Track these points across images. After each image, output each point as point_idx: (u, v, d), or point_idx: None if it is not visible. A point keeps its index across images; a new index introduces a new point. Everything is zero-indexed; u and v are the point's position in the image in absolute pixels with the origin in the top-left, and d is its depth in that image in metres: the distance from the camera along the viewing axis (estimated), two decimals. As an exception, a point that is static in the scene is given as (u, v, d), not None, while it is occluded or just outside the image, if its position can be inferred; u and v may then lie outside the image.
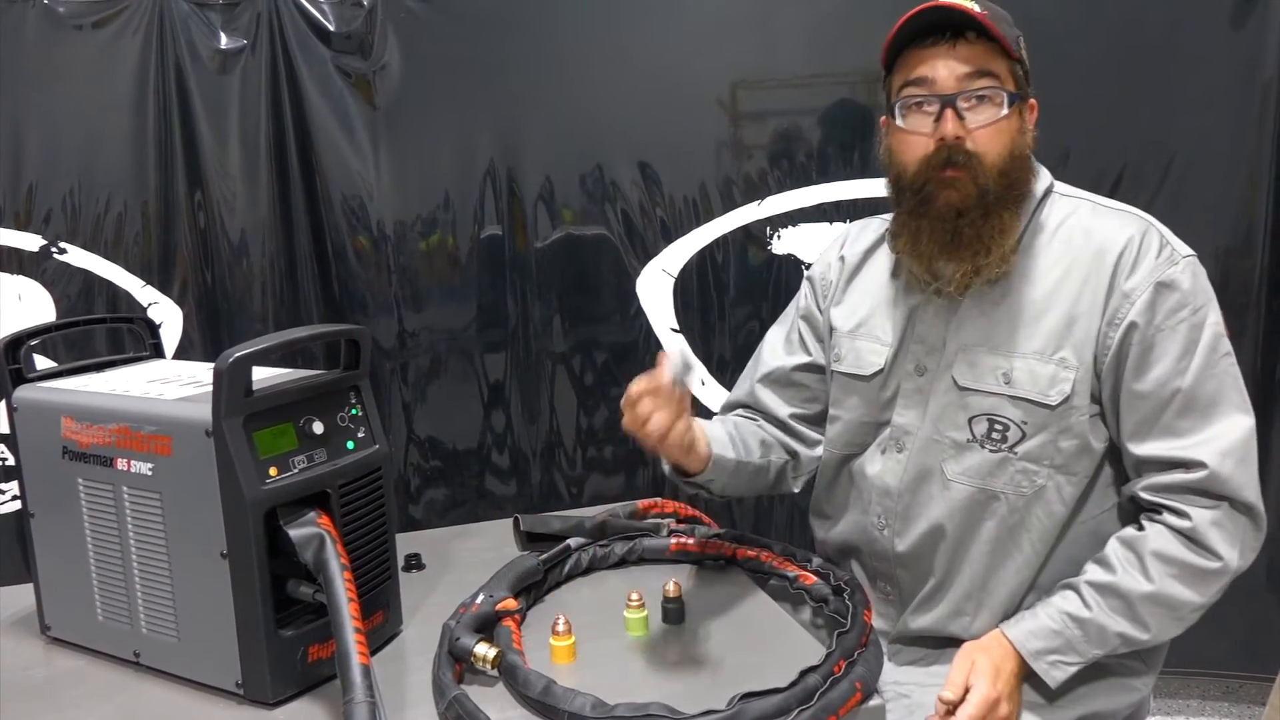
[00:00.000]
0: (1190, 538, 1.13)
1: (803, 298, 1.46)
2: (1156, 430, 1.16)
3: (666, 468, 1.30)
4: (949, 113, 1.16)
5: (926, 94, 1.18)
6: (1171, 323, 1.14)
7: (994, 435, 1.21)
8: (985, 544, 1.24)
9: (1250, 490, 1.14)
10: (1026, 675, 1.17)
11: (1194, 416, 1.14)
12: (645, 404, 1.07)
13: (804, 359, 1.42)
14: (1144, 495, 1.17)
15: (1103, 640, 1.15)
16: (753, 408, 1.46)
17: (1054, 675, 1.16)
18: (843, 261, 1.40)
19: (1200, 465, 1.13)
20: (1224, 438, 1.14)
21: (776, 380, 1.44)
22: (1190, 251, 1.18)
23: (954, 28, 1.17)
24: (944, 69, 1.17)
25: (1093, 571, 1.17)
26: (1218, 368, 1.15)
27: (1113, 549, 1.17)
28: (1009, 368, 1.20)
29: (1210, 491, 1.13)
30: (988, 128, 1.17)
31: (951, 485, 1.24)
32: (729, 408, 1.49)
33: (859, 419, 1.34)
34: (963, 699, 1.11)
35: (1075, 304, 1.18)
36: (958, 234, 1.18)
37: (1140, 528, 1.17)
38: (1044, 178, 1.26)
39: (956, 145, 1.16)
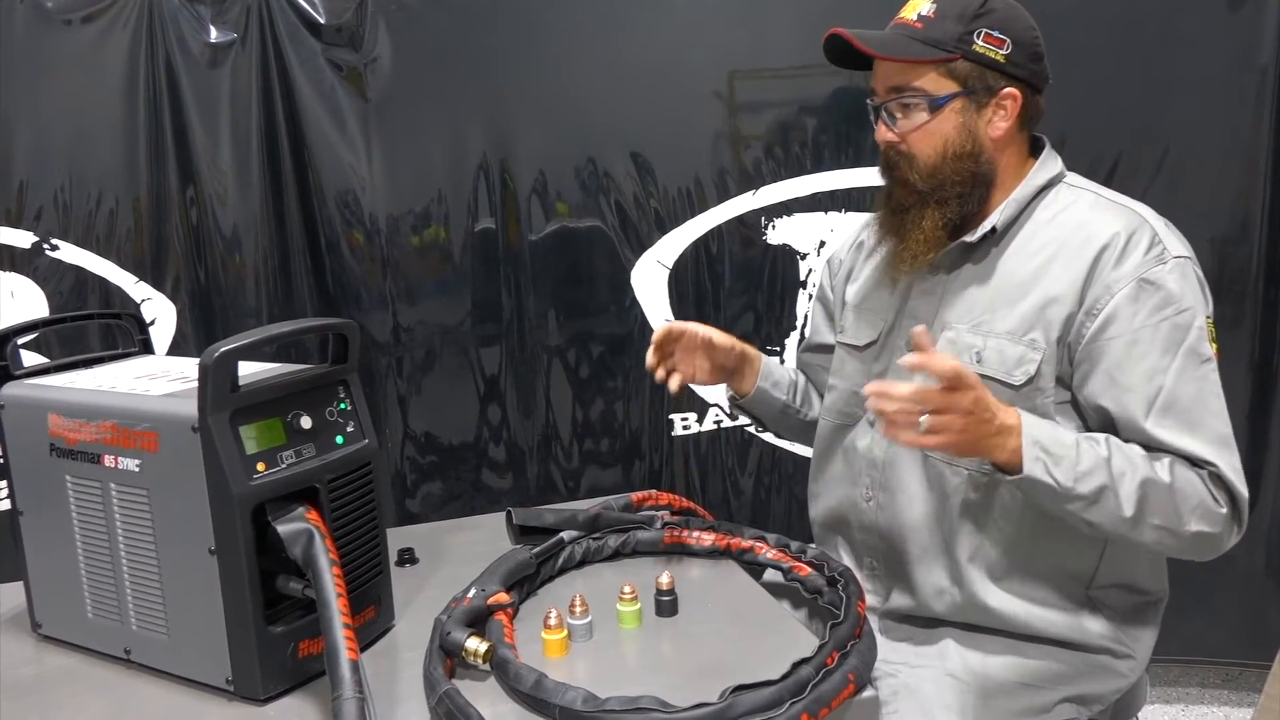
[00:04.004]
0: (1201, 478, 1.13)
1: (819, 280, 1.56)
2: (1143, 424, 1.14)
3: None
4: (880, 121, 1.26)
5: (870, 102, 1.28)
6: (1154, 321, 1.14)
7: None
8: (957, 520, 1.24)
9: (1242, 488, 1.14)
10: (1001, 467, 1.12)
11: (1174, 417, 1.13)
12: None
13: (816, 340, 1.54)
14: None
15: (1087, 483, 1.09)
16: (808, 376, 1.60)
17: (1030, 468, 1.09)
18: (862, 245, 1.46)
19: (1206, 461, 1.13)
20: (1213, 435, 1.14)
21: (804, 364, 1.59)
22: (1185, 253, 1.17)
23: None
24: (878, 76, 1.26)
25: (1118, 440, 1.15)
26: (1198, 372, 1.14)
27: (1138, 446, 1.15)
28: (982, 346, 1.22)
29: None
30: (916, 131, 1.23)
31: (926, 461, 1.27)
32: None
33: (851, 388, 1.37)
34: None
35: (1052, 287, 1.19)
36: (901, 228, 1.27)
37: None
38: (1050, 168, 1.26)
39: (891, 147, 1.26)
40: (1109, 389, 1.16)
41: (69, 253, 2.01)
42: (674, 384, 1.36)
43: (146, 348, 1.35)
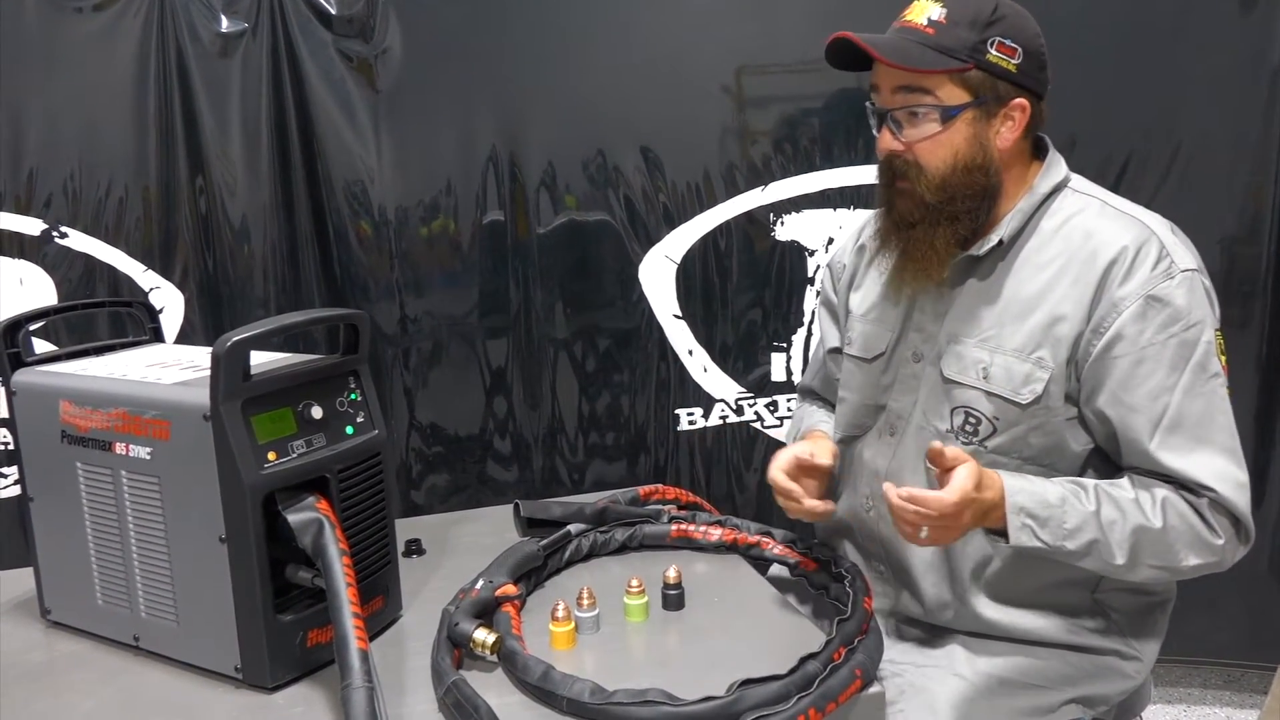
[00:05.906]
0: (1197, 510, 1.13)
1: (822, 284, 1.52)
2: (1146, 446, 1.13)
3: None
4: (885, 128, 1.20)
5: (872, 104, 1.22)
6: (1162, 338, 1.12)
7: (967, 428, 1.22)
8: None
9: (1245, 508, 1.13)
10: (996, 531, 1.15)
11: (1181, 435, 1.13)
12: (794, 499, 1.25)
13: (830, 345, 1.50)
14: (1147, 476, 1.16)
15: (1076, 539, 1.12)
16: (821, 397, 1.57)
17: (1017, 536, 1.12)
18: (863, 249, 1.42)
19: (1205, 487, 1.12)
20: (1216, 464, 1.13)
21: (829, 373, 1.53)
22: (1193, 265, 1.15)
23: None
24: (883, 79, 1.20)
25: (1107, 483, 1.16)
26: (1206, 387, 1.13)
27: (1128, 480, 1.16)
28: (989, 362, 1.20)
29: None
30: (925, 141, 1.18)
31: (930, 473, 1.23)
32: (805, 393, 1.61)
33: (861, 401, 1.36)
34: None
35: (1060, 305, 1.17)
36: (908, 244, 1.22)
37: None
38: (1055, 173, 1.23)
39: (896, 156, 1.20)
40: (1115, 408, 1.15)
41: (78, 240, 2.01)
42: (821, 508, 1.27)
43: (157, 336, 1.36)
